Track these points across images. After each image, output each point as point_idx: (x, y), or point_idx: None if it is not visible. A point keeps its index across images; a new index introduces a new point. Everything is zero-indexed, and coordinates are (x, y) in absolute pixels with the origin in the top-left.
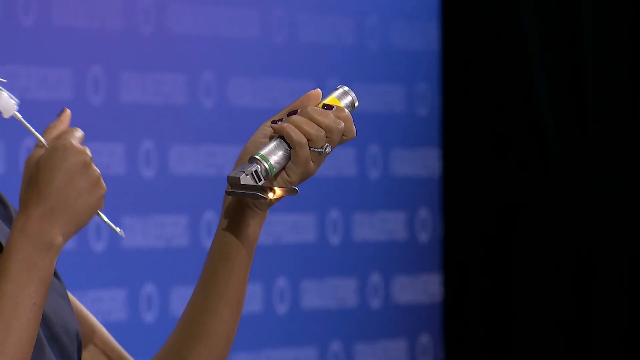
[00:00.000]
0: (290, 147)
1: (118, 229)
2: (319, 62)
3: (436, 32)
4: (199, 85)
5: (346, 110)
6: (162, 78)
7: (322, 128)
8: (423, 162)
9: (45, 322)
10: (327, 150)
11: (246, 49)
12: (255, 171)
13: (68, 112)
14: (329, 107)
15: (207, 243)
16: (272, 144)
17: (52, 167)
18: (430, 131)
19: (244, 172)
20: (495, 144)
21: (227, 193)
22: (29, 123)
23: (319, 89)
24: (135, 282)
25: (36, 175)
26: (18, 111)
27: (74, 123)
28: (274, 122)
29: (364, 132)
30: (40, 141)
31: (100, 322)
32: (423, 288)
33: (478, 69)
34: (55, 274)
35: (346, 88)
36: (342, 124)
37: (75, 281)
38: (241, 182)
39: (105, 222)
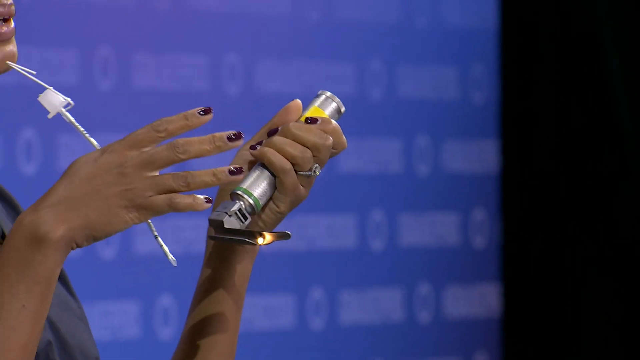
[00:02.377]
0: (274, 175)
1: (171, 256)
2: (359, 42)
3: (494, 7)
4: (223, 68)
5: (333, 122)
6: (180, 60)
7: (307, 147)
8: (479, 156)
9: (63, 346)
10: (317, 171)
11: (276, 27)
12: (239, 210)
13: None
14: (312, 120)
15: None
16: (254, 174)
17: (80, 163)
18: (487, 121)
19: (226, 212)
20: (562, 136)
21: (210, 238)
22: (72, 122)
23: (298, 100)
24: (149, 293)
25: (64, 173)
26: (67, 110)
27: (79, 110)
28: (252, 146)
29: (411, 122)
30: (93, 144)
31: (109, 339)
32: (479, 300)
33: (542, 49)
34: (72, 295)
35: (328, 93)
36: (330, 140)
37: (80, 292)
38: (225, 226)
39: (160, 245)
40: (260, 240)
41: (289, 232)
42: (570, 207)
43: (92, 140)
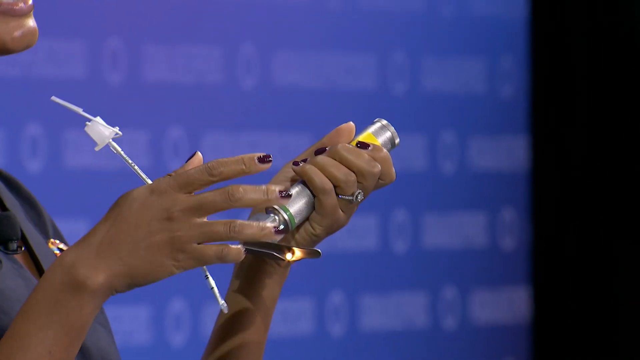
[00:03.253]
0: (314, 195)
1: (222, 302)
2: (381, 32)
3: None
4: (238, 60)
5: (384, 150)
6: (193, 52)
7: (353, 171)
8: (508, 153)
9: (83, 353)
10: (359, 197)
11: (294, 17)
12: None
13: (199, 157)
14: (362, 145)
15: None
16: (294, 190)
17: (127, 202)
18: (516, 115)
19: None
20: (596, 131)
21: (247, 251)
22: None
23: (351, 123)
24: (162, 297)
25: (109, 210)
26: (115, 141)
27: (87, 104)
28: (295, 163)
29: (436, 117)
30: (142, 177)
31: (120, 345)
32: (508, 305)
33: (574, 38)
34: None
35: (384, 122)
36: (378, 167)
37: None
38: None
39: (211, 288)
40: (289, 256)
41: (319, 250)
42: (605, 206)
43: (142, 174)
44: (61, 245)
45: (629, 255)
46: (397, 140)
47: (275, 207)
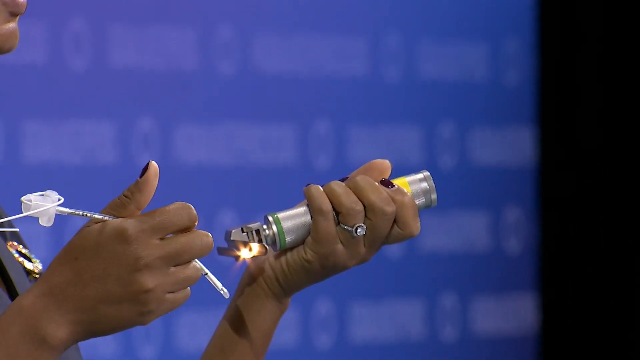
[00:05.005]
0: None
1: (221, 287)
2: (374, 12)
3: None
4: (214, 44)
5: (409, 195)
6: (165, 34)
7: (363, 203)
8: (513, 147)
9: None
10: (359, 231)
11: None
12: (257, 231)
13: (154, 168)
14: (386, 182)
15: None
16: (297, 209)
17: (91, 249)
18: (522, 105)
19: (242, 228)
20: (609, 123)
21: (218, 250)
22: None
23: (387, 161)
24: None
25: (67, 249)
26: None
27: (47, 92)
28: (308, 184)
29: (433, 107)
30: (94, 218)
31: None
32: (513, 314)
33: (585, 22)
34: None
35: (427, 173)
36: (393, 208)
37: None
38: (231, 238)
39: (210, 280)
40: (245, 253)
41: (266, 247)
42: (620, 205)
43: (106, 218)
44: (20, 248)
45: None
46: (433, 197)
47: (269, 218)
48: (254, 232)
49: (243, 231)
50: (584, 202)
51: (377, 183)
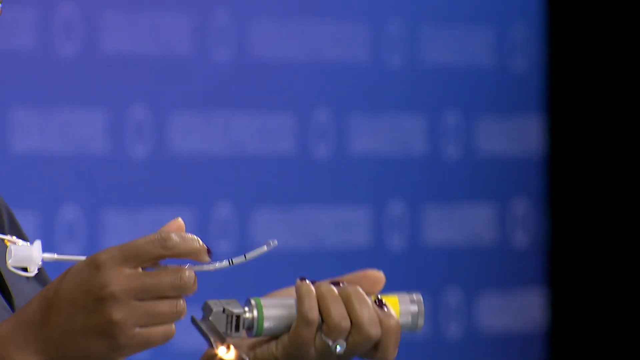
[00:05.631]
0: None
1: (268, 244)
2: None
3: None
4: (210, 29)
5: (397, 321)
6: (159, 20)
7: (351, 320)
8: (521, 136)
9: None
10: (338, 349)
11: None
12: (237, 317)
13: (180, 223)
14: (381, 303)
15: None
16: (283, 301)
17: (65, 278)
18: (530, 92)
19: (223, 308)
20: (622, 110)
21: (192, 321)
22: None
23: (382, 273)
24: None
25: (49, 286)
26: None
27: (36, 79)
28: (302, 277)
29: (438, 94)
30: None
31: None
32: (521, 310)
33: (598, 5)
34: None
35: (419, 297)
36: (379, 333)
37: None
38: (209, 318)
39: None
40: (221, 351)
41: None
42: (633, 197)
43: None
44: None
45: None
46: (420, 322)
47: (252, 302)
48: (234, 317)
49: (224, 312)
50: (595, 193)
51: (370, 301)
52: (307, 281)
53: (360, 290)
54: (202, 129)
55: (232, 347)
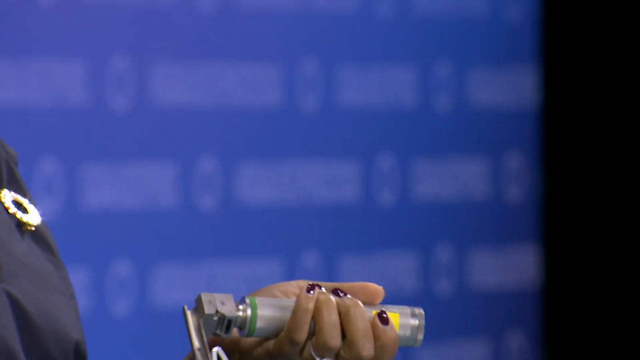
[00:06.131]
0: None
1: None
2: None
3: None
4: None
5: (395, 338)
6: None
7: (346, 336)
8: (514, 88)
9: (27, 327)
10: None
11: None
12: (230, 320)
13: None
14: (383, 320)
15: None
16: (282, 302)
17: None
18: (525, 42)
19: (216, 309)
20: (622, 60)
21: (183, 311)
22: None
23: (382, 289)
24: (103, 257)
25: None
26: None
27: (13, 29)
28: (309, 286)
29: (429, 44)
30: None
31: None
32: (514, 267)
33: None
34: (55, 258)
35: (421, 312)
36: (370, 353)
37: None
38: (205, 312)
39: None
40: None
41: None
42: (629, 150)
43: None
44: (18, 198)
45: None
46: (419, 337)
47: (247, 301)
48: (225, 320)
49: (216, 313)
50: (590, 147)
51: (367, 317)
52: (312, 293)
53: (361, 305)
54: (186, 80)
55: (222, 356)
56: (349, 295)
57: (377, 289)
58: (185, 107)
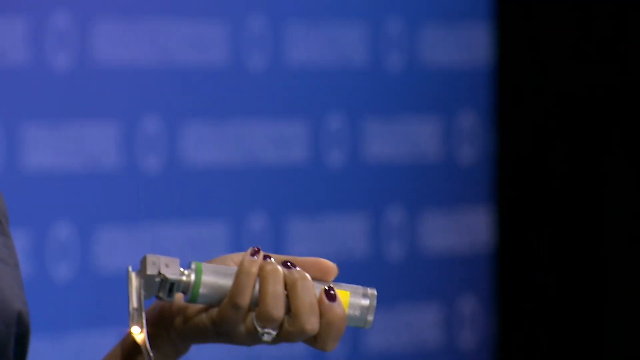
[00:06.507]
0: None
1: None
2: None
3: None
4: None
5: (343, 317)
6: None
7: (290, 308)
8: (467, 44)
9: None
10: (265, 337)
11: None
12: (172, 283)
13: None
14: (330, 296)
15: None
16: (229, 270)
17: None
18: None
19: (159, 270)
20: (576, 16)
21: (127, 272)
22: None
23: (336, 266)
24: (43, 220)
25: None
26: None
27: None
28: (253, 252)
29: (379, 0)
30: None
31: None
32: (466, 230)
33: None
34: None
35: (374, 292)
36: (314, 328)
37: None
38: (147, 272)
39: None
40: (135, 330)
41: (152, 355)
42: (586, 109)
43: None
44: None
45: (620, 170)
46: (369, 318)
47: (192, 266)
48: (168, 283)
49: (159, 275)
50: (546, 107)
51: (315, 293)
52: (256, 257)
53: (309, 278)
54: (129, 38)
55: (144, 330)
56: (298, 268)
57: (330, 266)
58: (128, 65)
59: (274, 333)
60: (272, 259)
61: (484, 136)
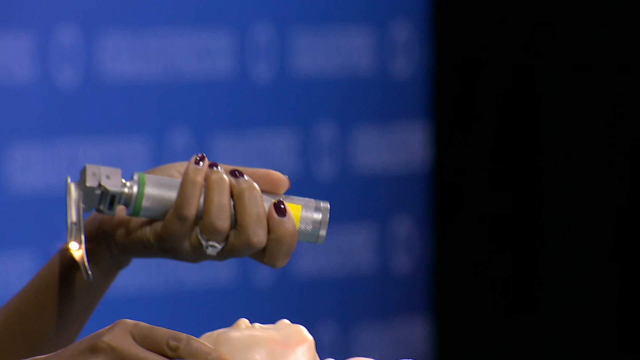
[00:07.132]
0: None
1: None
2: None
3: None
4: None
5: (293, 232)
6: None
7: (236, 220)
8: None
9: None
10: (209, 251)
11: None
12: (113, 196)
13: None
14: (279, 210)
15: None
16: (173, 182)
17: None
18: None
19: (99, 182)
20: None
21: (66, 183)
22: None
23: (287, 178)
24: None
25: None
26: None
27: None
28: (197, 160)
29: None
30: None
31: None
32: (402, 146)
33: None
34: None
35: (326, 205)
36: (261, 241)
37: None
38: (86, 184)
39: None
40: (73, 246)
41: (90, 273)
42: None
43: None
44: None
45: (555, 80)
46: (322, 233)
47: (135, 177)
48: (109, 195)
49: (99, 187)
50: (483, 6)
51: (263, 204)
52: (201, 164)
53: (257, 189)
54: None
55: (83, 246)
56: (246, 177)
57: (281, 178)
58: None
59: (219, 247)
60: (219, 168)
61: (418, 48)
